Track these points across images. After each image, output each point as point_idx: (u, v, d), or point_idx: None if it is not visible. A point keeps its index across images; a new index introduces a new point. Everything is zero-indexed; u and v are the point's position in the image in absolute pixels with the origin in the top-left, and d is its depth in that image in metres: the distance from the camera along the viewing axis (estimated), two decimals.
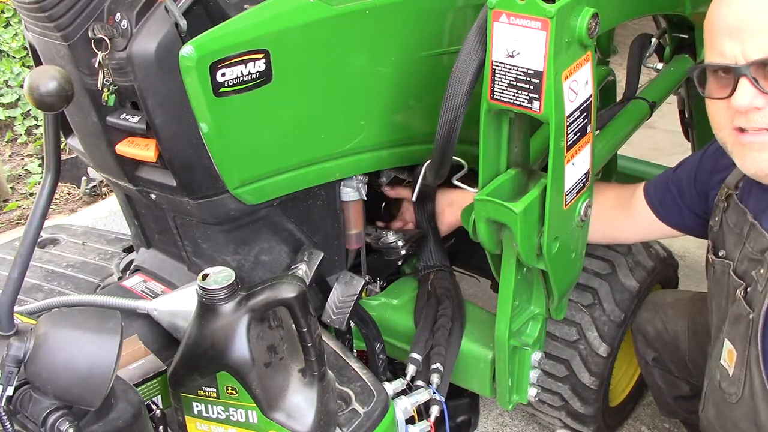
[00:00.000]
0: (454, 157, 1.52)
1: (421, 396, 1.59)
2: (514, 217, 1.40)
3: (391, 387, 1.56)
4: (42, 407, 1.10)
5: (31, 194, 3.44)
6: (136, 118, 1.40)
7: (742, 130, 1.26)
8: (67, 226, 2.25)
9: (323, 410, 1.30)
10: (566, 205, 1.46)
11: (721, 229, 1.49)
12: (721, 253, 1.48)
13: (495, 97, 1.35)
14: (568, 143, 1.38)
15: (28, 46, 1.57)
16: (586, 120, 1.41)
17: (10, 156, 3.77)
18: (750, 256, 1.39)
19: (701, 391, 1.57)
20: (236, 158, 1.43)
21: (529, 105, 1.32)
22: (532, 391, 1.76)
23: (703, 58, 1.27)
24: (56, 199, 3.32)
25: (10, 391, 1.07)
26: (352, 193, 1.69)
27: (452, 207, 1.82)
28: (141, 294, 1.65)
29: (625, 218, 1.72)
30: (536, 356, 1.71)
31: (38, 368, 1.08)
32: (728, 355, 1.42)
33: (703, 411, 1.55)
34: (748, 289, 1.38)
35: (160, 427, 1.35)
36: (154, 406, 1.36)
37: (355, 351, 1.84)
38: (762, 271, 1.34)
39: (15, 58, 4.21)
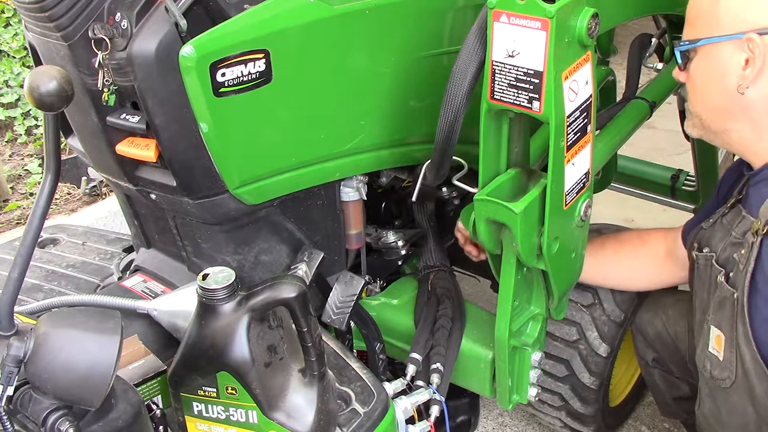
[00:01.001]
0: (454, 157, 1.51)
1: (421, 396, 1.59)
2: (514, 217, 1.40)
3: (391, 387, 1.56)
4: (42, 407, 1.10)
5: (31, 194, 3.44)
6: (136, 118, 1.40)
7: None
8: (67, 226, 2.25)
9: (323, 410, 1.30)
10: (566, 205, 1.46)
11: (712, 228, 1.51)
12: (705, 250, 1.50)
13: (495, 97, 1.35)
14: (568, 143, 1.38)
15: (28, 46, 1.57)
16: (586, 120, 1.41)
17: (10, 156, 3.77)
18: (733, 241, 1.42)
19: None
20: (236, 158, 1.43)
21: (529, 105, 1.32)
22: (532, 391, 1.76)
23: None
24: (56, 199, 3.32)
25: (10, 391, 1.07)
26: (352, 193, 1.69)
27: None
28: (141, 294, 1.65)
29: (674, 264, 1.74)
30: (536, 356, 1.71)
31: (38, 368, 1.08)
32: (716, 341, 1.43)
33: (699, 408, 1.55)
34: (730, 274, 1.40)
35: (160, 427, 1.35)
36: (154, 406, 1.36)
37: (355, 351, 1.84)
38: (743, 251, 1.37)
39: (15, 58, 4.21)
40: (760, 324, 1.34)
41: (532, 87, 1.30)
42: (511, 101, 1.34)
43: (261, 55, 1.33)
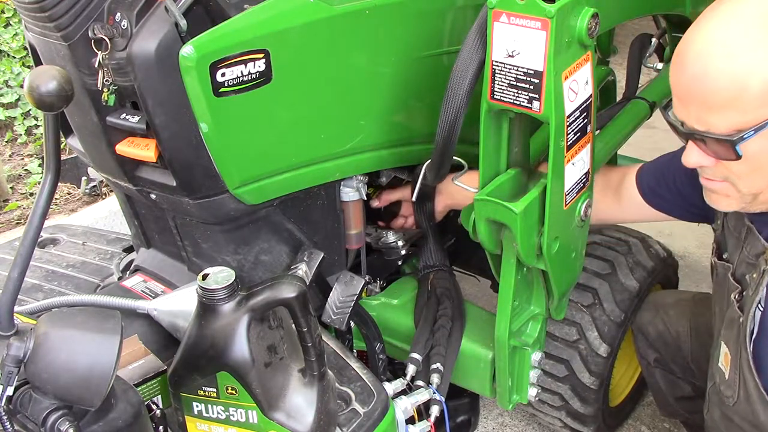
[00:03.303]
0: (454, 157, 1.52)
1: (421, 396, 1.59)
2: (514, 217, 1.40)
3: (391, 387, 1.56)
4: (42, 407, 1.10)
5: (31, 194, 3.44)
6: (136, 118, 1.40)
7: None
8: (67, 226, 2.25)
9: (323, 410, 1.30)
10: (566, 205, 1.46)
11: (723, 232, 1.49)
12: (724, 256, 1.48)
13: (495, 97, 1.35)
14: (568, 143, 1.38)
15: (28, 46, 1.57)
16: (586, 120, 1.41)
17: (10, 156, 3.77)
18: (747, 260, 1.39)
19: (704, 391, 1.57)
20: (236, 158, 1.43)
21: (529, 105, 1.32)
22: (532, 391, 1.76)
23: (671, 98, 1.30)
24: (56, 199, 3.32)
25: (10, 391, 1.07)
26: (352, 193, 1.69)
27: (441, 194, 1.83)
28: (141, 294, 1.65)
29: (613, 201, 1.72)
30: (536, 356, 1.71)
31: (38, 368, 1.08)
32: (724, 358, 1.42)
33: (708, 413, 1.55)
34: (743, 293, 1.38)
35: (160, 427, 1.35)
36: (154, 406, 1.36)
37: (355, 351, 1.84)
38: (755, 275, 1.34)
39: (15, 58, 4.21)
40: (765, 354, 1.32)
41: (532, 87, 1.30)
42: (511, 101, 1.34)
43: (261, 55, 1.33)
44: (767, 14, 1.13)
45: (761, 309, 1.32)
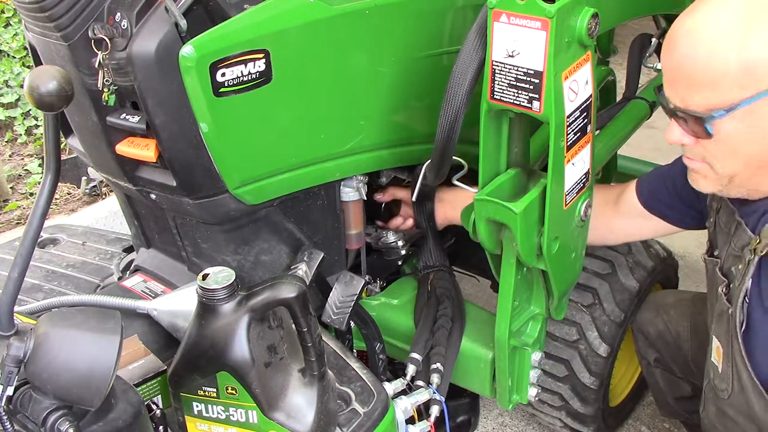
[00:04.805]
0: (454, 157, 1.52)
1: (421, 396, 1.59)
2: (514, 217, 1.40)
3: (391, 387, 1.56)
4: (42, 407, 1.10)
5: (31, 194, 3.44)
6: (136, 118, 1.40)
7: None
8: (67, 226, 2.25)
9: (323, 410, 1.30)
10: (566, 205, 1.46)
11: (715, 230, 1.51)
12: (715, 253, 1.50)
13: (495, 97, 1.35)
14: (568, 143, 1.38)
15: (28, 46, 1.57)
16: (586, 120, 1.41)
17: (10, 156, 3.77)
18: (733, 253, 1.40)
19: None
20: (236, 158, 1.43)
21: (529, 105, 1.32)
22: (532, 391, 1.76)
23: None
24: (56, 199, 3.31)
25: (10, 391, 1.07)
26: (352, 193, 1.69)
27: (443, 203, 1.83)
28: (141, 294, 1.65)
29: (614, 217, 1.72)
30: (536, 356, 1.71)
31: (38, 368, 1.08)
32: (716, 352, 1.43)
33: (703, 410, 1.55)
34: (730, 286, 1.39)
35: (160, 427, 1.35)
36: (154, 406, 1.36)
37: (355, 351, 1.84)
38: (740, 267, 1.35)
39: (15, 58, 4.21)
40: (755, 345, 1.33)
41: (532, 87, 1.30)
42: (511, 101, 1.34)
43: (261, 55, 1.33)
44: (755, 2, 1.19)
45: (747, 300, 1.33)
